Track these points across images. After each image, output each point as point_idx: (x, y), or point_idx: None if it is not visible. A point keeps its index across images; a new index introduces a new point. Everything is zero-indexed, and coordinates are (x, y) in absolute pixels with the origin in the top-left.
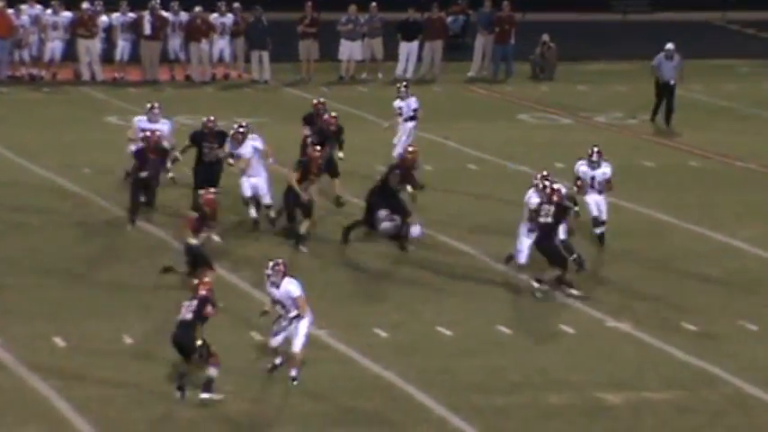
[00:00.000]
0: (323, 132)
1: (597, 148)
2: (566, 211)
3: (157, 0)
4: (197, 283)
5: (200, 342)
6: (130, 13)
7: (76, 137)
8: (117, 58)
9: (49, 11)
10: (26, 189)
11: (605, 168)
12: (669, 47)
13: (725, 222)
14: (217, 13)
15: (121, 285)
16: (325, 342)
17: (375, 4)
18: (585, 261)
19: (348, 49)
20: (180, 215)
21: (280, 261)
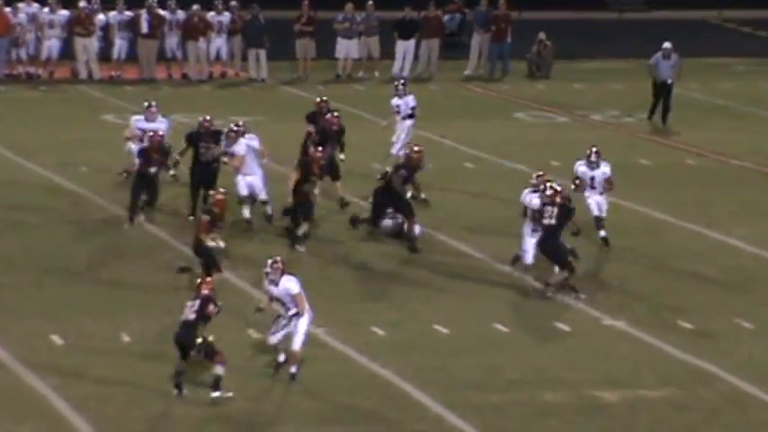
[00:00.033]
0: (324, 131)
1: (596, 149)
2: (569, 213)
3: None
4: (199, 282)
5: (200, 340)
6: (127, 12)
7: (73, 135)
8: (114, 56)
9: (46, 9)
10: (23, 187)
11: (604, 168)
12: (666, 46)
13: (721, 220)
14: (214, 12)
15: (119, 283)
16: (323, 340)
17: (372, 2)
18: (579, 255)
19: (345, 47)
20: (178, 214)
21: (278, 258)
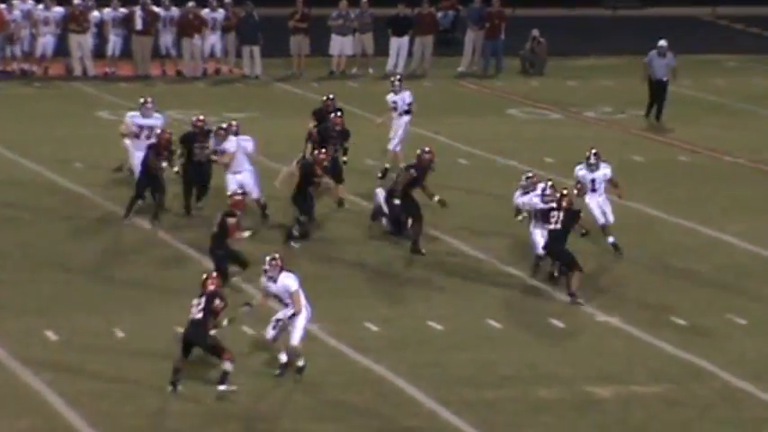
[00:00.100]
0: (327, 131)
1: (595, 151)
2: (575, 217)
3: None
4: (205, 278)
5: (213, 332)
6: (122, 9)
7: (68, 132)
8: (108, 53)
9: (40, 6)
10: (18, 184)
11: (605, 170)
12: (662, 44)
13: (714, 217)
14: (208, 9)
15: (113, 280)
16: (316, 336)
17: None
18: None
19: (339, 44)
20: (171, 212)
21: (276, 255)
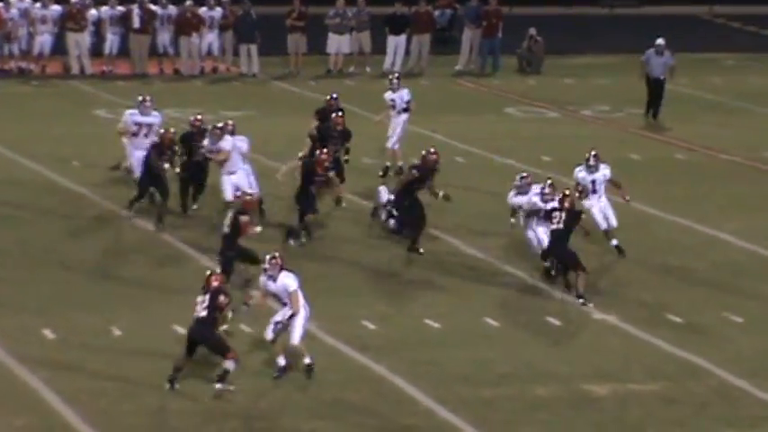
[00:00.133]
0: (327, 130)
1: (594, 152)
2: (577, 217)
3: None
4: (209, 274)
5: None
6: (119, 7)
7: (65, 130)
8: (106, 51)
9: (38, 4)
10: (15, 182)
11: (604, 170)
12: (660, 42)
13: (710, 215)
14: (206, 7)
15: (110, 278)
16: (314, 334)
17: None
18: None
19: (336, 42)
20: (168, 211)
21: (276, 254)
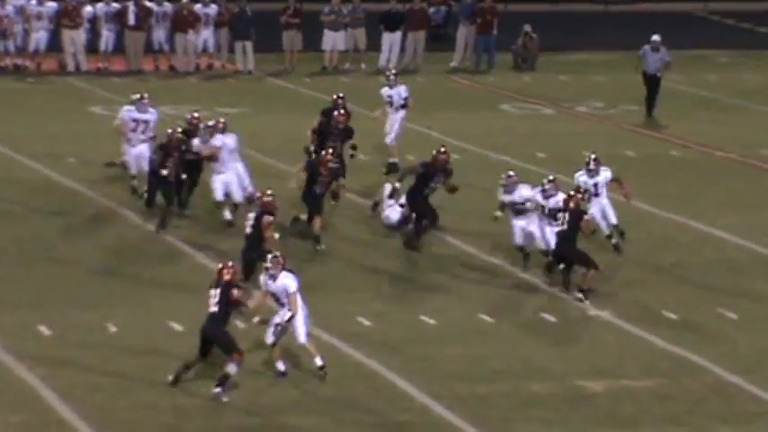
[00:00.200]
0: (328, 128)
1: (594, 156)
2: (580, 217)
3: None
4: (220, 268)
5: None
6: (115, 4)
7: (61, 127)
8: (101, 48)
9: (33, 1)
10: (11, 179)
11: (605, 173)
12: (655, 38)
13: (705, 212)
14: (201, 4)
15: (106, 274)
16: (310, 331)
17: None
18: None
19: (331, 39)
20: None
21: (278, 254)
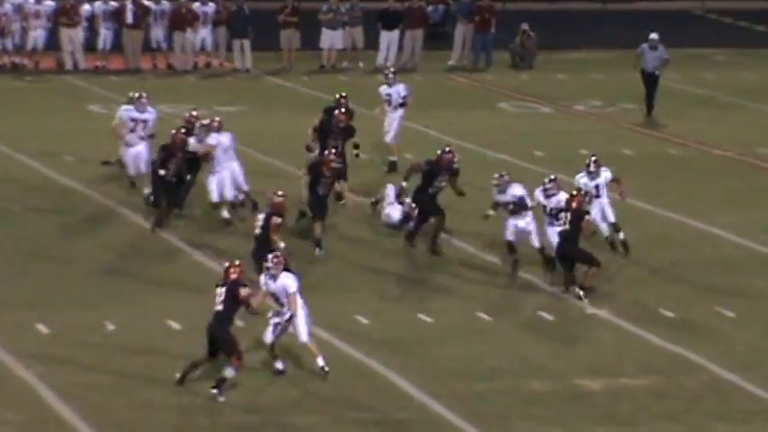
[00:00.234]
0: (329, 126)
1: (594, 158)
2: (581, 217)
3: None
4: (227, 266)
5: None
6: (112, 2)
7: (59, 125)
8: (99, 46)
9: (31, 0)
10: (8, 177)
11: (605, 174)
12: (653, 37)
13: (703, 210)
14: (199, 2)
15: (104, 273)
16: (310, 330)
17: None
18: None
19: (329, 37)
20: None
21: (280, 254)
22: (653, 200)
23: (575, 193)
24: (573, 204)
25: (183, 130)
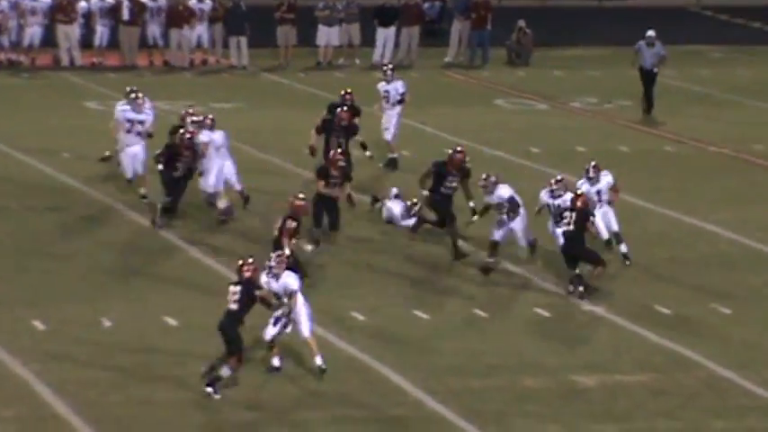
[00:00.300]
0: (331, 124)
1: (594, 163)
2: (586, 218)
3: None
4: (240, 264)
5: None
6: None
7: (56, 122)
8: (96, 43)
9: None
10: (5, 174)
11: (606, 179)
12: (650, 34)
13: (699, 207)
14: None
15: (100, 269)
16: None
17: None
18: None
19: (326, 34)
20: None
21: (282, 253)
22: (649, 197)
23: (579, 192)
24: (578, 204)
25: (190, 129)
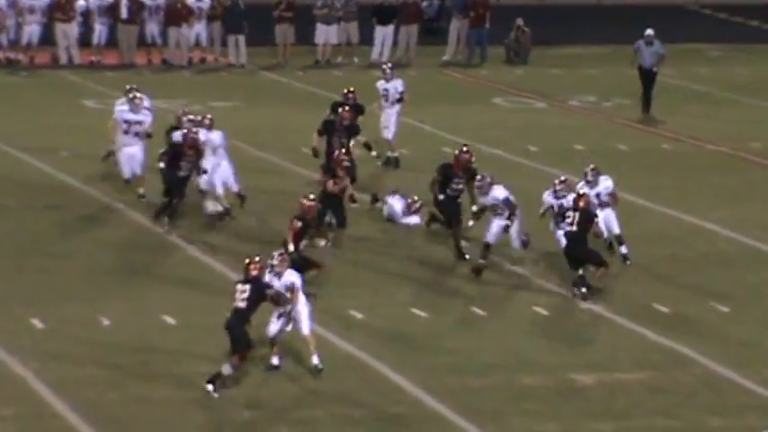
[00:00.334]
0: (332, 123)
1: (593, 167)
2: (590, 219)
3: None
4: (247, 263)
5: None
6: None
7: (54, 120)
8: (94, 42)
9: None
10: (4, 173)
11: (606, 182)
12: (649, 33)
13: (697, 205)
14: None
15: (99, 268)
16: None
17: None
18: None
19: (324, 33)
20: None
21: (284, 252)
22: (647, 195)
23: (582, 192)
24: (580, 204)
25: (195, 130)
